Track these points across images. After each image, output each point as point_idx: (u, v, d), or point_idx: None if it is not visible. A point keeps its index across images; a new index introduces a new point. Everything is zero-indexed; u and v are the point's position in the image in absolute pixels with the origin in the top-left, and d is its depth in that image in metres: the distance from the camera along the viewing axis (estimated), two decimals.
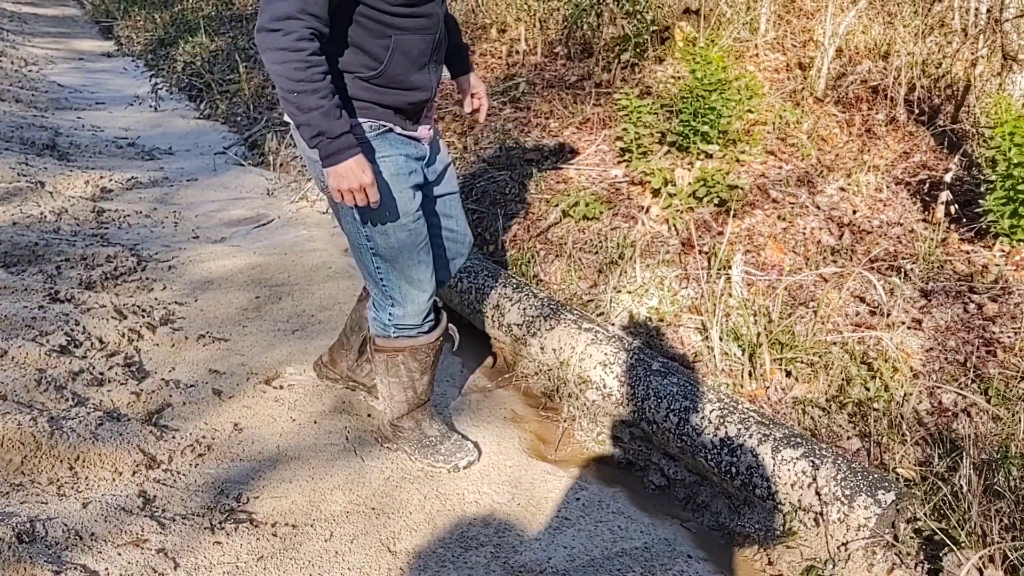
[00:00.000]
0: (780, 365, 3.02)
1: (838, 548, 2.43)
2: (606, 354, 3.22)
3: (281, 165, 6.41)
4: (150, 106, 8.42)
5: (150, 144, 7.18)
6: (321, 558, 2.51)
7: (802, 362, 3.02)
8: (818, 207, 4.42)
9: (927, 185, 4.52)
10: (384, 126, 2.47)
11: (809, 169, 4.86)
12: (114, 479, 2.75)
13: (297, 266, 4.59)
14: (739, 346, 3.12)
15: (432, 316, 2.79)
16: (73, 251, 4.44)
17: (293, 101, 2.21)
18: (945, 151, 4.94)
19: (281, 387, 3.43)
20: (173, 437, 2.98)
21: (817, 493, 2.52)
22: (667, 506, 2.92)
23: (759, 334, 3.05)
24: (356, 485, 2.85)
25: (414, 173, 2.54)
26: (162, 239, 4.95)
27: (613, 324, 3.54)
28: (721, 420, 2.80)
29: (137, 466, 2.80)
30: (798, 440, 2.65)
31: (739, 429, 2.75)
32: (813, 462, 2.57)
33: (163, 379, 3.36)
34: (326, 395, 3.39)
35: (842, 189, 4.62)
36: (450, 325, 2.91)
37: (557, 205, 4.37)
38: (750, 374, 3.02)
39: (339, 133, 2.24)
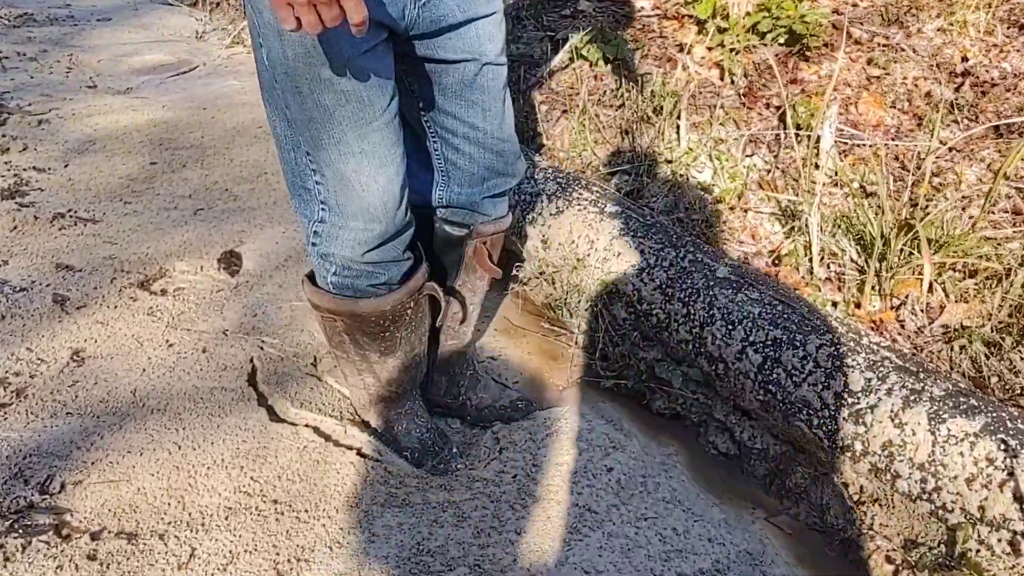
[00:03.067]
0: (922, 274, 1.92)
1: None
2: (643, 252, 2.12)
3: (217, 4, 5.17)
4: None
5: None
6: None
7: (957, 270, 1.93)
8: (915, 51, 3.26)
9: None
10: None
11: (890, 5, 3.68)
12: None
13: (216, 124, 3.43)
14: (857, 241, 2.03)
15: (394, 268, 1.61)
16: None
17: None
18: None
19: (163, 292, 2.34)
20: None
21: (1018, 499, 1.47)
22: (741, 484, 1.89)
23: (896, 224, 1.94)
24: (253, 459, 1.79)
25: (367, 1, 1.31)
26: (43, 87, 3.76)
27: (650, 207, 2.44)
28: (836, 363, 1.73)
29: None
30: (975, 404, 1.59)
31: (868, 379, 1.69)
32: (1005, 443, 1.51)
33: None
34: (231, 304, 2.31)
35: (941, 30, 3.45)
36: (431, 284, 1.72)
37: (565, 42, 3.19)
38: (874, 288, 1.93)
39: None
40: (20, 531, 1.53)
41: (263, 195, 2.89)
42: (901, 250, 1.90)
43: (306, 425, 1.89)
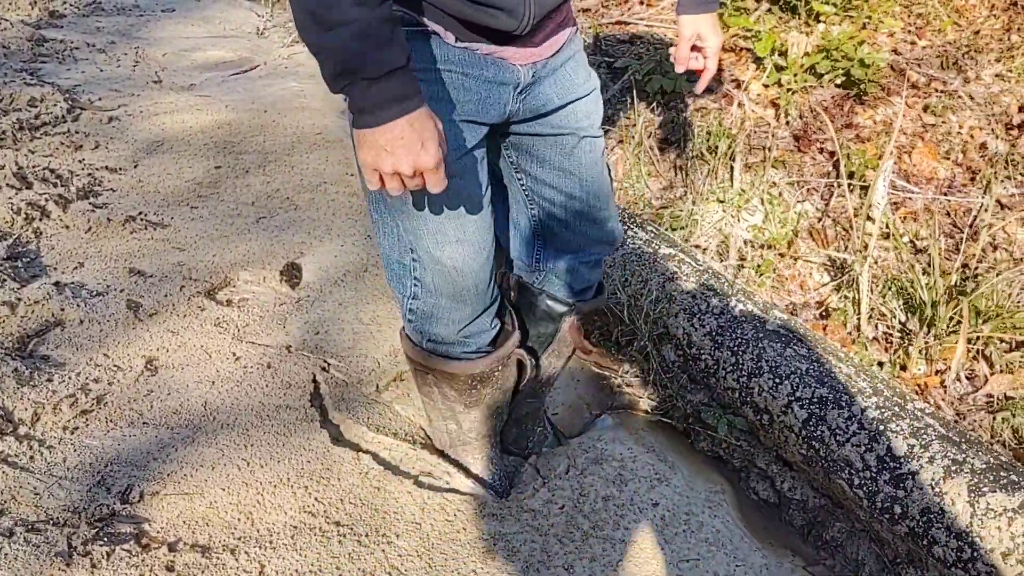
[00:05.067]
0: (972, 343, 1.99)
1: None
2: (695, 297, 2.20)
3: (278, 1, 5.27)
4: None
5: None
6: None
7: (1005, 341, 1.99)
8: (972, 98, 3.30)
9: None
10: (424, 28, 1.38)
11: (949, 48, 3.71)
12: None
13: (278, 129, 3.53)
14: (905, 304, 2.09)
15: (484, 336, 1.71)
16: None
17: (307, 7, 1.13)
18: None
19: (229, 302, 2.44)
20: (49, 380, 2.01)
21: None
22: (781, 531, 1.97)
23: (946, 291, 2.00)
24: (317, 479, 1.88)
25: (475, 103, 1.45)
26: (112, 81, 3.87)
27: (702, 248, 2.51)
28: (880, 426, 1.80)
29: None
30: (1015, 480, 1.65)
31: (911, 445, 1.75)
32: None
33: (59, 282, 2.36)
34: (294, 319, 2.40)
35: (999, 77, 3.48)
36: (519, 352, 1.81)
37: (625, 72, 3.26)
38: (922, 352, 1.99)
39: (387, 70, 1.18)
40: (105, 538, 1.64)
41: (323, 206, 2.98)
42: (951, 318, 1.97)
43: (366, 450, 1.98)
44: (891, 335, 2.06)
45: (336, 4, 1.11)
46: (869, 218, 2.39)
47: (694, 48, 1.74)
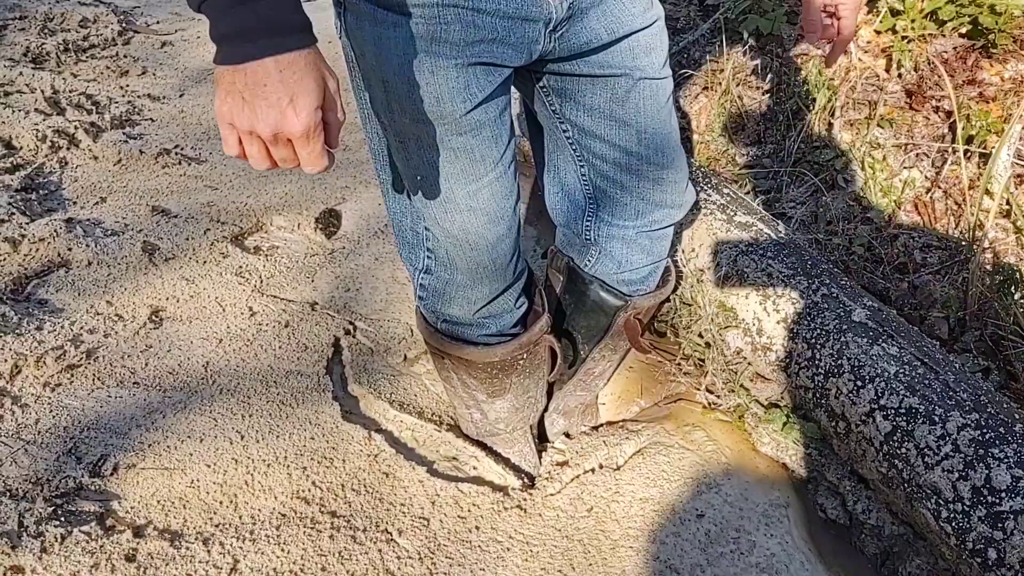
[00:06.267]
0: None
1: None
2: (771, 276, 1.89)
3: None
4: None
5: None
6: None
7: None
8: None
9: None
10: None
11: None
12: None
13: (342, 60, 3.29)
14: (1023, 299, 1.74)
15: (507, 317, 1.47)
16: (35, 8, 3.23)
17: None
18: None
19: (256, 249, 2.24)
20: (38, 329, 1.84)
21: None
22: (848, 559, 1.68)
23: None
24: (319, 460, 1.67)
25: (488, 43, 1.15)
26: (176, 3, 3.69)
27: (786, 216, 2.18)
28: (979, 450, 1.48)
29: None
30: None
31: (1016, 477, 1.44)
32: None
33: (72, 218, 2.20)
34: (324, 272, 2.19)
35: None
36: (549, 338, 1.55)
37: (717, 9, 2.91)
38: None
39: None
40: (63, 518, 1.46)
41: None
42: None
43: (379, 429, 1.76)
44: (1004, 337, 1.72)
45: None
46: (987, 192, 2.03)
47: (826, 13, 1.40)
